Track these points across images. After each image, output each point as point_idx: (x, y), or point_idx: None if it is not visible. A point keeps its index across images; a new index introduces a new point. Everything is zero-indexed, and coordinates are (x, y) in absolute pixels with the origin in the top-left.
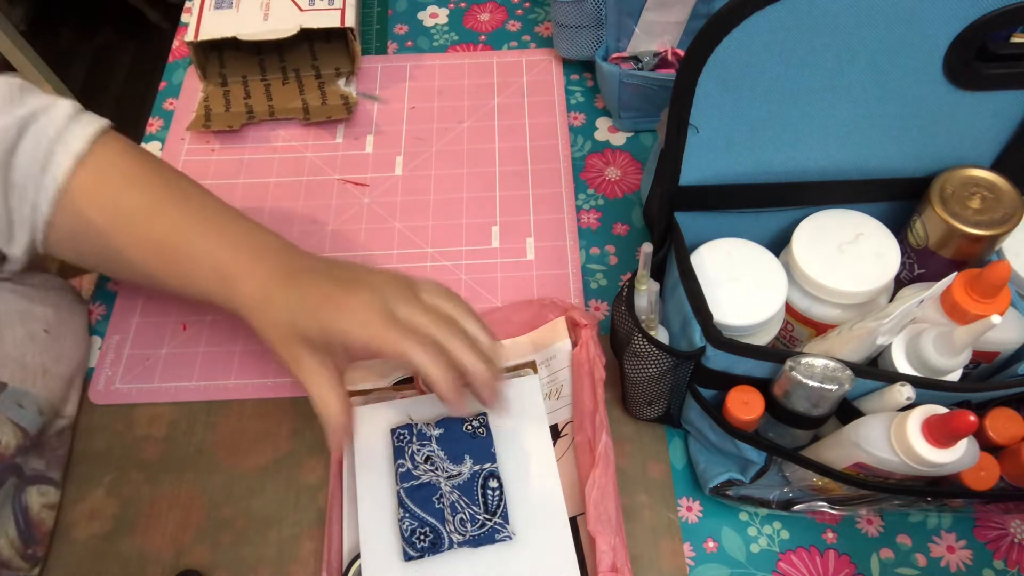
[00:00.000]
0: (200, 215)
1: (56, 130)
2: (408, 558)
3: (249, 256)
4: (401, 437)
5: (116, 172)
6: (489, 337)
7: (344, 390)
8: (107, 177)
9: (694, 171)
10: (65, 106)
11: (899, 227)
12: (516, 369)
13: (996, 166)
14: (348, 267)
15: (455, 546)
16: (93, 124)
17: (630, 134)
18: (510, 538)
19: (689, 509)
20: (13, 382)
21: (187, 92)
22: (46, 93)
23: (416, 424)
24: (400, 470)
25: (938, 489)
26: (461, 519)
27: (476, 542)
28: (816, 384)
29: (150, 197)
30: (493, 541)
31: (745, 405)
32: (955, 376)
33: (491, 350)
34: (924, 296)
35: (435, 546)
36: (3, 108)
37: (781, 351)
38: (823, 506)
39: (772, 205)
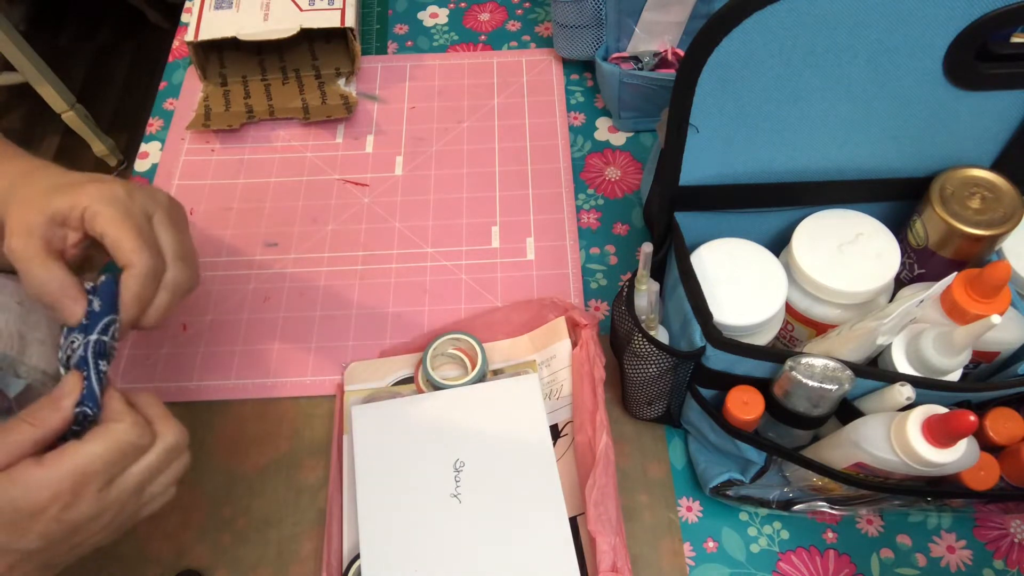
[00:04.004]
0: None
1: None
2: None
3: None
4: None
5: None
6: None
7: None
8: None
9: (694, 171)
10: None
11: (899, 227)
12: (516, 369)
13: (996, 166)
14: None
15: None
16: None
17: (630, 134)
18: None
19: (689, 509)
20: None
21: (187, 92)
22: None
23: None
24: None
25: (938, 489)
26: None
27: None
28: (816, 384)
29: None
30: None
31: (745, 405)
32: (955, 376)
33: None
34: (924, 296)
35: None
36: None
37: (781, 351)
38: (823, 506)
39: (772, 205)
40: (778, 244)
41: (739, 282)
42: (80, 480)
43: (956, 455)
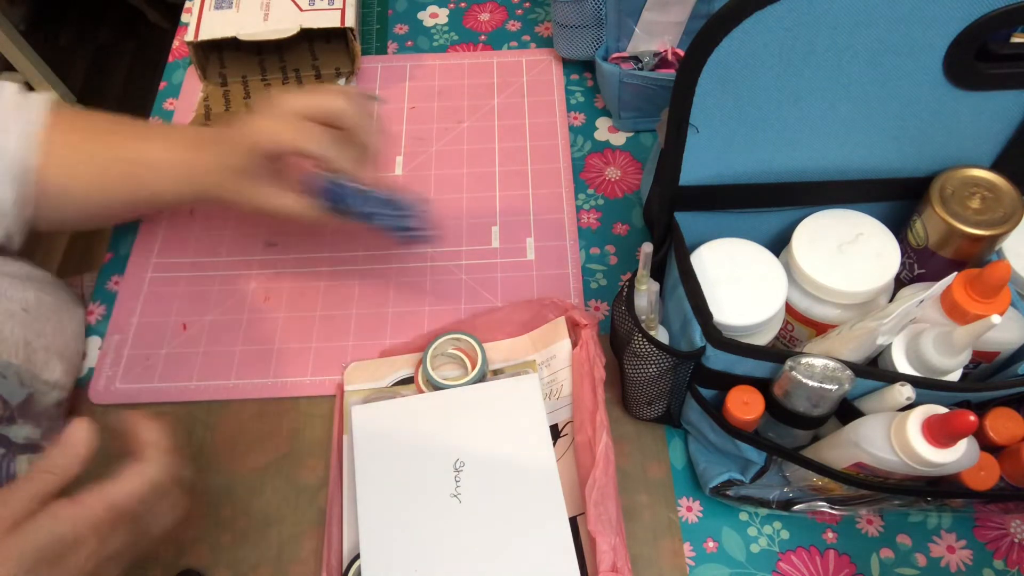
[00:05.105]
0: (145, 133)
1: (15, 103)
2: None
3: (195, 147)
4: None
5: (78, 123)
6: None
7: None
8: (65, 132)
9: (694, 171)
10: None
11: (899, 227)
12: (516, 369)
13: (996, 166)
14: (251, 113)
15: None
16: (42, 94)
17: (630, 134)
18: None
19: (689, 509)
20: None
21: (187, 92)
22: None
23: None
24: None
25: (938, 489)
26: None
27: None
28: (816, 384)
29: (108, 135)
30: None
31: (745, 405)
32: (955, 376)
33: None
34: (924, 296)
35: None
36: None
37: (781, 351)
38: (823, 506)
39: (772, 205)
40: (778, 244)
41: (739, 282)
42: (117, 516)
43: (956, 455)
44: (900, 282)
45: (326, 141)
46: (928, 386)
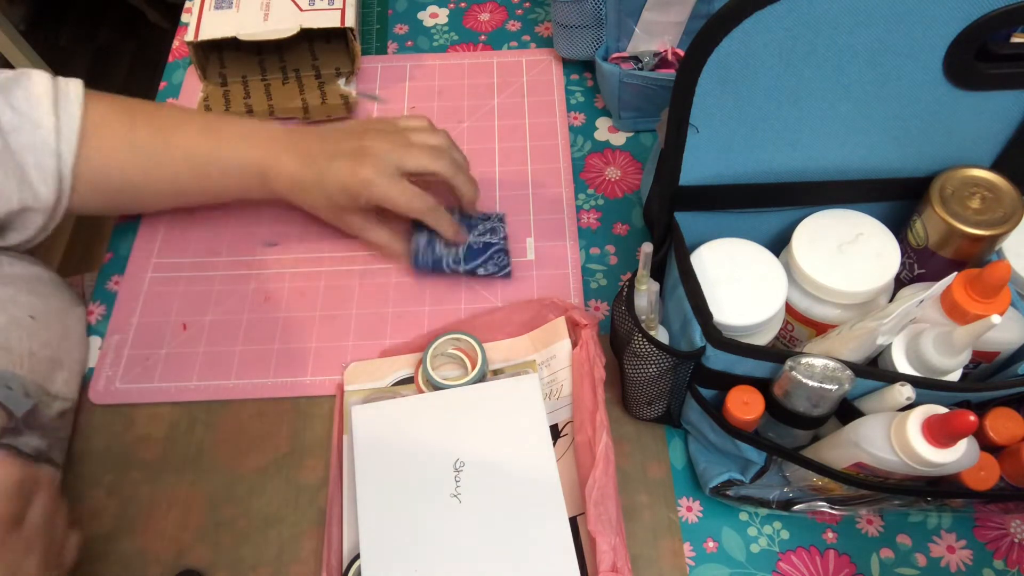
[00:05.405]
0: (207, 127)
1: (49, 95)
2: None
3: (271, 150)
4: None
5: (114, 117)
6: (465, 160)
7: (386, 229)
8: (109, 124)
9: (694, 171)
10: (43, 74)
11: (899, 227)
12: (516, 369)
13: (996, 166)
14: (350, 137)
15: (450, 264)
16: (75, 82)
17: (630, 134)
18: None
19: (689, 509)
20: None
21: (187, 92)
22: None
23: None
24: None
25: (938, 489)
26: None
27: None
28: (816, 384)
29: (156, 126)
30: (494, 261)
31: (745, 405)
32: (955, 376)
33: (470, 174)
34: (924, 296)
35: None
36: None
37: (781, 351)
38: (823, 506)
39: (772, 205)
40: (778, 244)
41: (739, 282)
42: None
43: (956, 455)
44: (900, 282)
45: (423, 207)
46: (928, 386)
